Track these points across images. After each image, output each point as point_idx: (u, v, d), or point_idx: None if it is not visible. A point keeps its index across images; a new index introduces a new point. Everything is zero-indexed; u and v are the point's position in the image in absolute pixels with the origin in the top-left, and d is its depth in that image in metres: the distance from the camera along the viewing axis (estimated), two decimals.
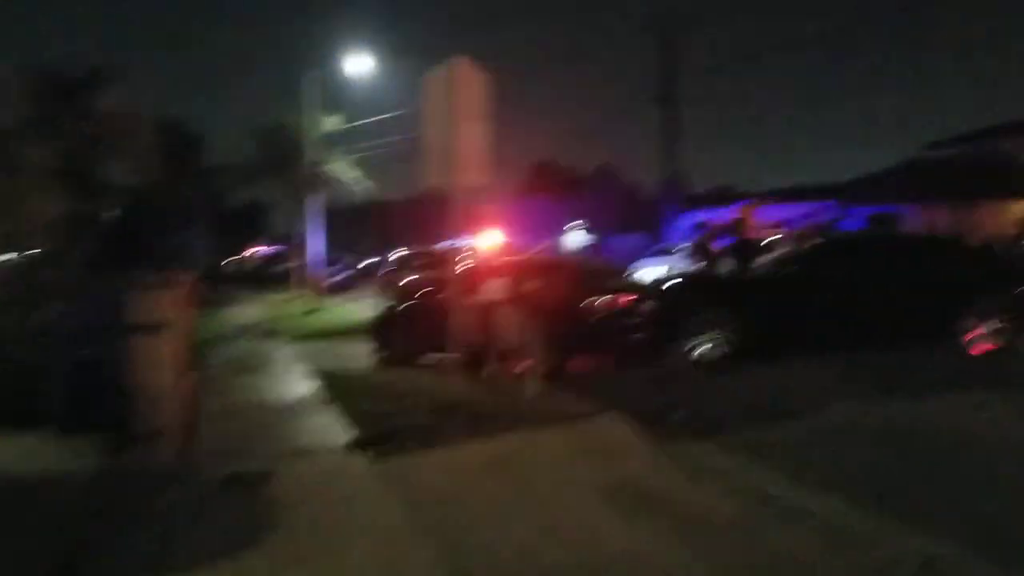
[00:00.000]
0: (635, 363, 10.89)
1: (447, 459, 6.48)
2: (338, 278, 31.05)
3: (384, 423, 7.38)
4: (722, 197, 45.71)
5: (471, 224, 13.45)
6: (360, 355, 12.60)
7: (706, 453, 6.56)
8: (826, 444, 6.77)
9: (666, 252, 27.84)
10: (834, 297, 10.66)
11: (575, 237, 47.38)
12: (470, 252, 14.27)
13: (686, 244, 27.23)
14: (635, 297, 10.96)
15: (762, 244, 15.74)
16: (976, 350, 10.29)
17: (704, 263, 14.91)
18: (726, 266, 14.25)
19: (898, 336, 10.58)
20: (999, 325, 10.26)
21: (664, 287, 11.85)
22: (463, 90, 8.80)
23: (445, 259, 20.33)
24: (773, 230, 20.03)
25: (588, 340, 10.66)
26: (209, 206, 35.45)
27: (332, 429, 7.46)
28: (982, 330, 10.30)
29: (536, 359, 9.40)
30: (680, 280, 13.06)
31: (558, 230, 47.39)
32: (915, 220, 33.55)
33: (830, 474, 5.90)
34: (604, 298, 10.70)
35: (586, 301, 10.65)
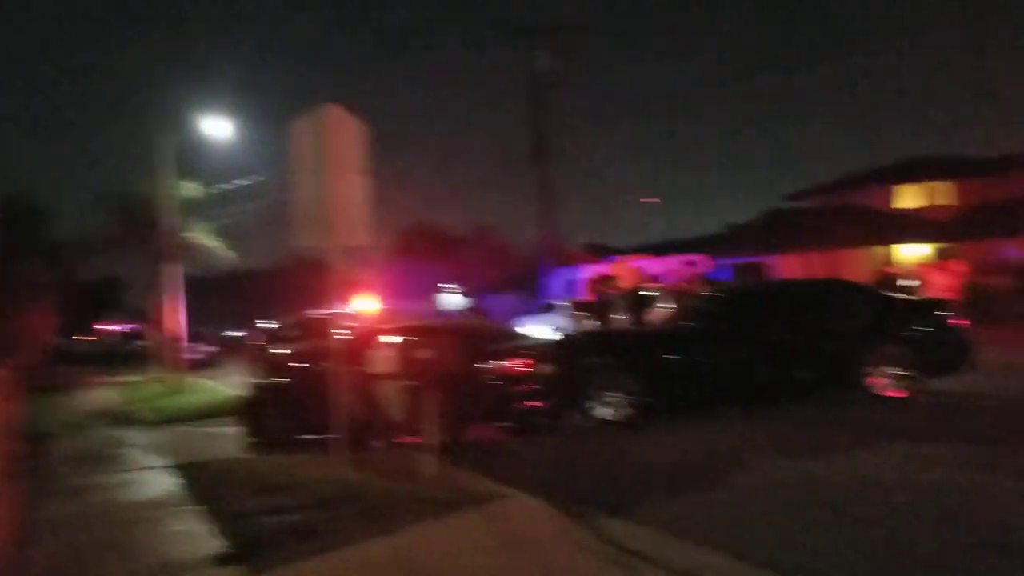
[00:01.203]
0: (536, 430, 10.23)
1: (340, 565, 5.47)
2: (201, 354, 29.29)
3: (261, 525, 6.28)
4: (598, 253, 46.26)
5: (345, 290, 12.47)
6: (228, 440, 11.29)
7: (627, 533, 5.83)
8: (753, 512, 6.20)
9: (548, 310, 27.46)
10: (738, 349, 10.34)
11: (450, 299, 46.82)
12: (347, 320, 13.27)
13: (567, 302, 26.98)
14: (531, 360, 10.27)
15: (650, 298, 15.42)
16: (882, 395, 10.09)
17: (595, 320, 14.42)
18: (620, 322, 13.81)
19: (806, 385, 10.36)
20: (902, 370, 10.10)
21: (561, 348, 11.22)
22: (336, 139, 7.95)
23: (319, 329, 19.22)
24: (651, 284, 19.87)
25: (484, 408, 9.90)
26: (56, 282, 32.83)
27: (197, 537, 6.28)
28: (886, 375, 10.12)
29: (429, 433, 8.48)
30: (577, 340, 12.51)
31: (433, 293, 46.71)
32: (779, 268, 34.79)
33: (767, 547, 5.26)
34: (498, 363, 9.97)
35: (479, 367, 9.89)
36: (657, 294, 17.79)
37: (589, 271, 31.64)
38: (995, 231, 32.19)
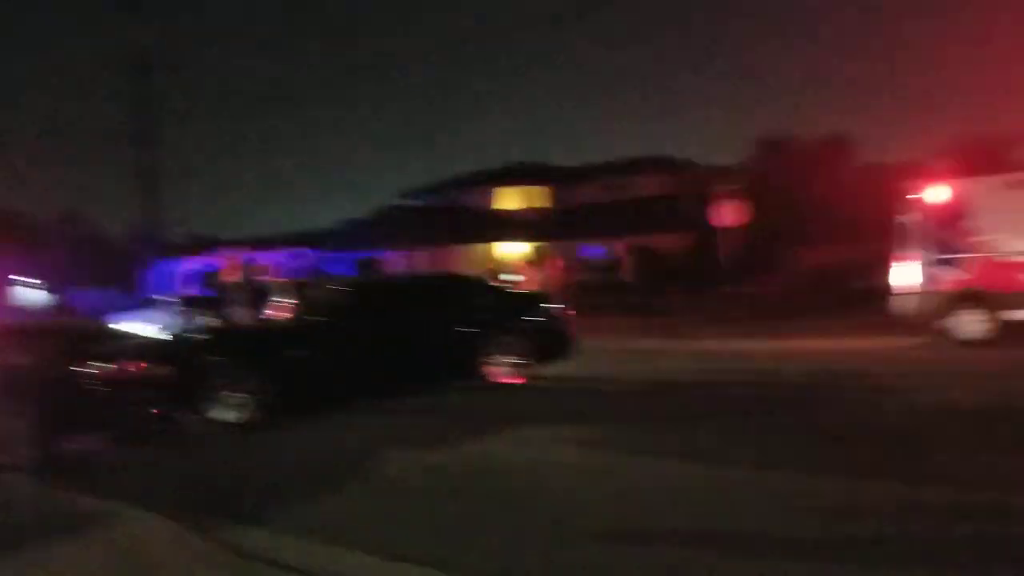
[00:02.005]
0: (149, 437, 9.36)
1: None
2: None
3: None
4: (205, 245, 43.87)
5: None
6: None
7: (265, 543, 5.46)
8: (390, 506, 6.21)
9: (150, 306, 25.31)
10: (365, 343, 10.39)
11: (29, 294, 41.33)
12: None
13: (172, 297, 25.17)
14: (138, 361, 9.42)
15: (267, 292, 14.98)
16: (500, 382, 10.82)
17: (209, 316, 13.64)
18: (238, 318, 13.20)
19: (433, 376, 10.76)
20: (516, 359, 10.92)
21: (173, 347, 10.45)
22: None
23: None
24: (265, 277, 19.36)
25: (85, 417, 8.87)
26: None
27: None
28: (503, 364, 10.88)
29: (16, 449, 7.42)
30: (191, 337, 11.72)
31: (5, 287, 40.92)
32: (395, 263, 35.95)
33: (410, 542, 5.34)
34: (100, 365, 9.01)
35: (77, 370, 8.87)
36: (274, 288, 17.38)
37: (198, 263, 29.88)
38: (581, 232, 36.26)
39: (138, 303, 26.26)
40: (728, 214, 24.77)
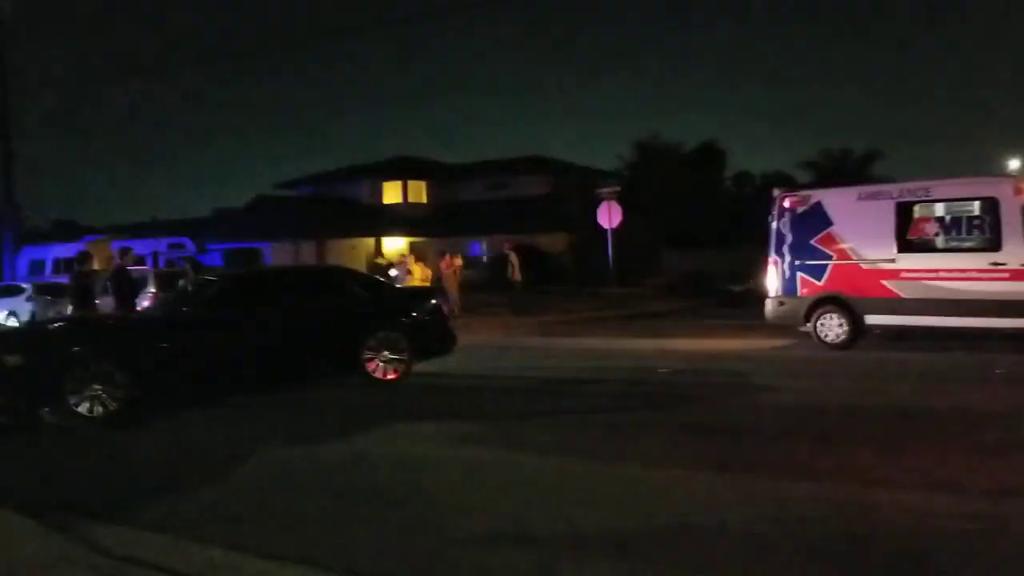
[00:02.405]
0: (3, 430, 8.92)
1: None
2: None
3: None
4: (72, 231, 41.54)
5: None
6: None
7: (124, 540, 5.20)
8: (256, 502, 6.03)
9: (8, 293, 23.83)
10: (238, 336, 10.05)
11: None
12: None
13: (32, 284, 23.77)
14: None
15: (138, 282, 14.32)
16: (381, 378, 10.66)
17: (71, 305, 12.88)
18: (104, 307, 12.52)
19: (308, 371, 10.51)
20: (396, 354, 10.78)
21: (29, 336, 9.84)
22: None
23: None
24: (137, 266, 18.50)
25: None
26: None
27: None
28: (383, 360, 10.72)
29: None
30: (50, 327, 11.06)
31: None
32: (271, 255, 34.95)
33: (281, 539, 5.20)
34: None
35: None
36: (145, 278, 16.65)
37: (63, 250, 28.32)
38: (463, 229, 36.25)
39: None
40: (609, 216, 25.28)
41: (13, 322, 20.53)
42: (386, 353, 10.71)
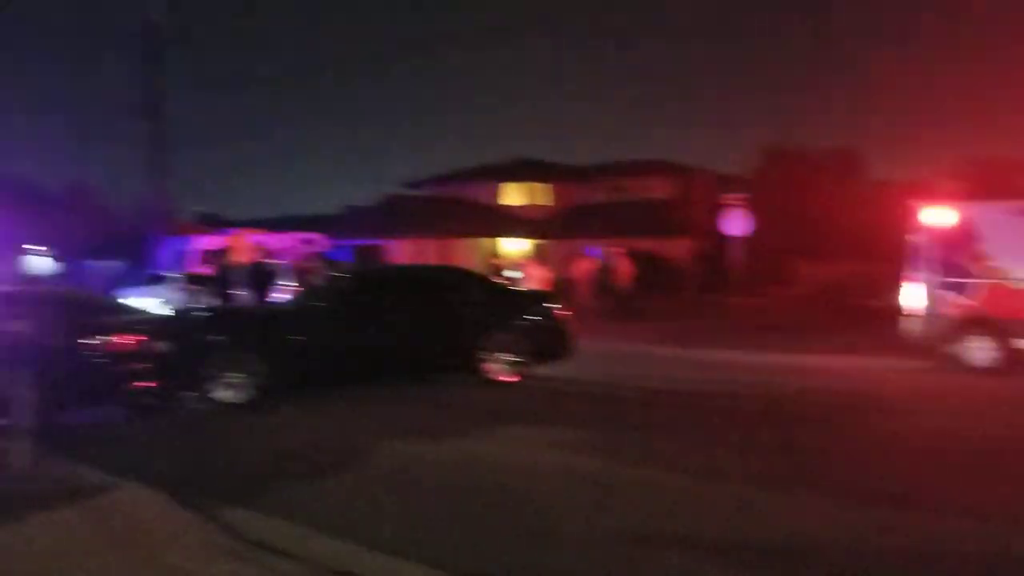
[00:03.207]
0: (148, 413, 9.46)
1: None
2: None
3: None
4: (213, 224, 43.78)
5: None
6: None
7: (255, 525, 5.51)
8: (383, 497, 6.23)
9: (156, 281, 25.32)
10: (363, 331, 10.48)
11: (37, 263, 41.31)
12: None
13: (179, 274, 25.16)
14: (142, 336, 9.38)
15: (274, 275, 14.96)
16: (496, 379, 10.79)
17: (212, 296, 13.62)
18: (243, 299, 13.17)
19: (428, 368, 10.77)
20: (513, 356, 10.88)
21: (176, 324, 10.43)
22: None
23: None
24: (273, 260, 19.29)
25: (86, 389, 8.87)
26: None
27: None
28: (499, 361, 10.84)
29: (19, 416, 7.37)
30: (195, 316, 11.70)
31: (15, 255, 40.88)
32: (397, 252, 35.80)
33: (400, 534, 5.33)
34: (103, 338, 8.98)
35: (81, 341, 8.83)
36: (278, 271, 17.35)
37: (204, 242, 29.83)
38: (583, 232, 36.06)
39: (144, 278, 26.29)
40: (736, 223, 24.65)
41: (162, 309, 21.80)
42: (503, 355, 10.83)
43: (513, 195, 42.22)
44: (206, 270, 22.13)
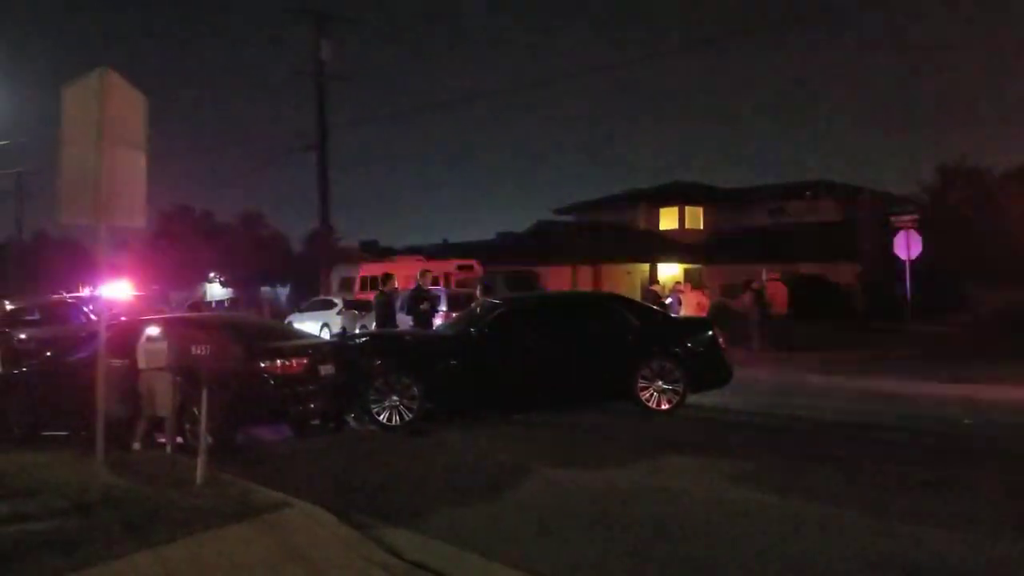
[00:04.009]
0: (315, 434, 9.97)
1: None
2: None
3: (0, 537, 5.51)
4: (375, 252, 45.66)
5: (104, 273, 11.45)
6: None
7: (416, 545, 5.62)
8: (541, 522, 6.23)
9: (321, 307, 26.69)
10: (519, 357, 10.63)
11: (211, 290, 44.34)
12: (100, 305, 12.15)
13: (342, 299, 26.40)
14: (309, 359, 9.84)
15: (435, 301, 15.40)
16: (654, 408, 10.64)
17: (374, 321, 14.18)
18: (404, 324, 13.66)
19: (583, 395, 10.78)
20: (669, 384, 10.71)
21: (340, 348, 10.91)
22: (112, 109, 7.17)
23: (66, 313, 17.49)
24: (434, 287, 19.86)
25: (258, 410, 9.38)
26: None
27: None
28: (656, 388, 10.69)
29: (198, 434, 7.88)
30: (358, 340, 12.22)
31: (194, 281, 44.03)
32: (549, 279, 35.95)
33: (557, 559, 5.32)
34: (276, 361, 9.47)
35: (253, 364, 9.35)
36: (437, 297, 17.84)
37: (366, 269, 31.20)
38: (740, 256, 35.07)
39: (312, 303, 27.78)
40: (908, 246, 23.29)
41: (326, 334, 22.92)
42: (659, 382, 10.68)
43: (667, 219, 41.75)
44: (368, 296, 23.12)
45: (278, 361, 9.42)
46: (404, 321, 13.90)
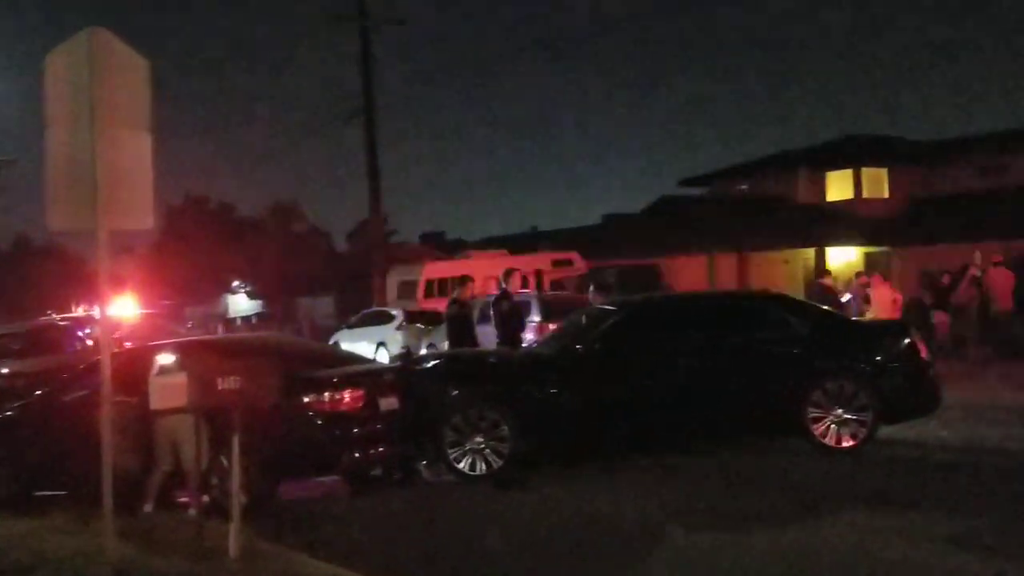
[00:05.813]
0: (374, 486, 10.17)
1: None
2: None
3: None
4: (443, 247, 46.22)
5: (100, 288, 11.87)
6: None
7: None
8: None
9: (377, 321, 27.08)
10: (647, 383, 10.63)
11: (236, 303, 45.25)
12: (102, 328, 12.64)
13: (403, 311, 26.74)
14: (364, 391, 10.05)
15: (524, 309, 15.53)
16: (832, 445, 10.48)
17: (447, 338, 14.38)
18: (482, 341, 13.82)
19: (731, 428, 10.70)
20: (853, 413, 10.51)
21: (404, 375, 11.11)
22: (110, 79, 7.46)
23: (60, 339, 18.21)
24: (523, 289, 20.00)
25: (302, 457, 9.63)
26: None
27: None
28: (834, 418, 10.51)
29: (230, 491, 8.15)
30: (426, 364, 12.40)
31: (214, 293, 45.20)
32: (677, 273, 35.43)
33: None
34: (323, 394, 9.71)
35: (294, 400, 9.61)
36: (533, 304, 17.91)
37: (432, 270, 31.51)
38: (942, 233, 33.82)
39: (363, 317, 28.26)
40: None
41: (383, 356, 23.26)
42: (839, 411, 10.52)
43: (837, 187, 40.37)
44: (437, 305, 23.39)
45: (325, 395, 9.65)
46: (486, 337, 14.06)
